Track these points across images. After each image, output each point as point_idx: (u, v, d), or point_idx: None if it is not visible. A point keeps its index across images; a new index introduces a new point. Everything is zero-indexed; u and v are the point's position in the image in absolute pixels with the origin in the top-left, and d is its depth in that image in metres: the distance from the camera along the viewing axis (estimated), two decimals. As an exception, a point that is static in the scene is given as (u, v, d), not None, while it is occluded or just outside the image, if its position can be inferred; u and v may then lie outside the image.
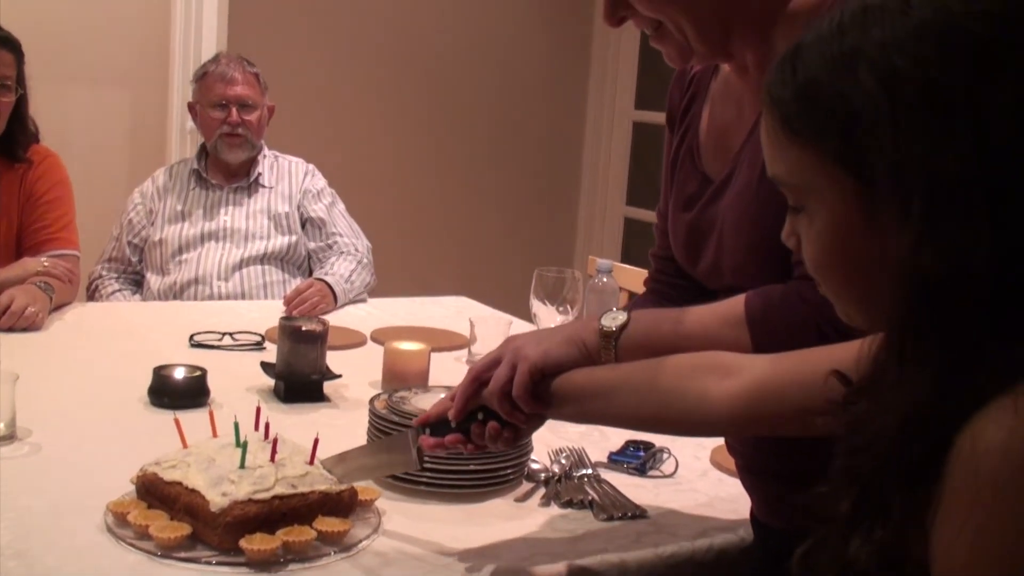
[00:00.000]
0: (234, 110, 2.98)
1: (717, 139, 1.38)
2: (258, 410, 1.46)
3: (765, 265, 1.24)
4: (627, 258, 4.42)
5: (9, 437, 1.59)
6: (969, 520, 0.72)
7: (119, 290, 3.00)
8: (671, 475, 1.65)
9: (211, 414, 1.46)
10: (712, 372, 1.16)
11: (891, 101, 0.77)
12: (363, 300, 2.92)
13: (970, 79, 0.76)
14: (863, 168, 0.80)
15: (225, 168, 3.06)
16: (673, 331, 1.24)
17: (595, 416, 1.28)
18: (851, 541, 0.82)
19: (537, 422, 1.28)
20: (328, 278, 2.81)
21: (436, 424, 1.29)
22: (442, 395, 1.64)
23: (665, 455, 1.68)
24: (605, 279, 2.28)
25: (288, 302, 2.66)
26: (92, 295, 3.00)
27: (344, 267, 2.91)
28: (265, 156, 3.10)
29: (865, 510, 0.82)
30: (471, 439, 1.27)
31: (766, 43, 1.28)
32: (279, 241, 3.00)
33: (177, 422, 1.43)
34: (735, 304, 1.23)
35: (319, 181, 3.13)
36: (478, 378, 1.25)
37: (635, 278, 2.51)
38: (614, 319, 1.25)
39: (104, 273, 3.04)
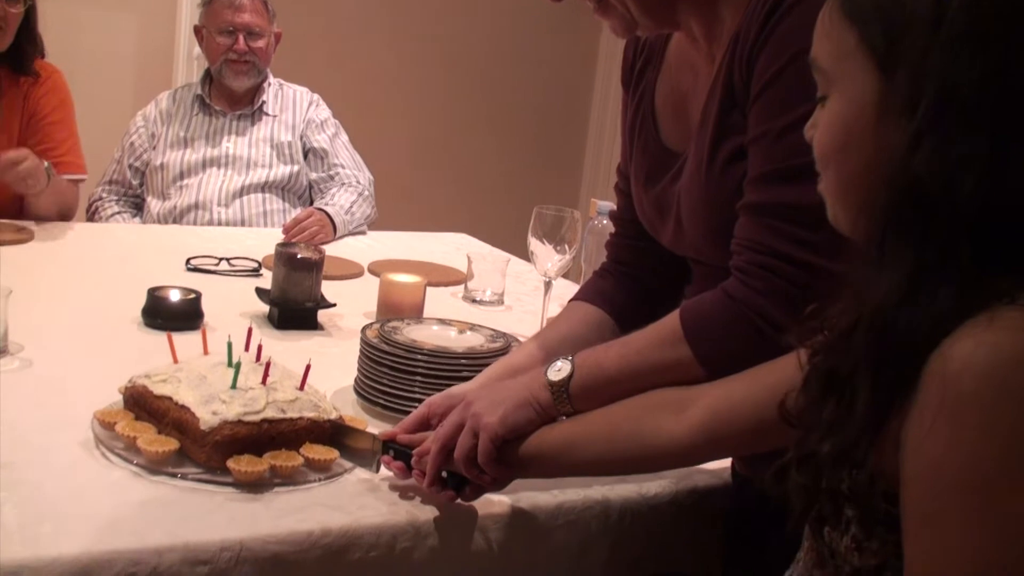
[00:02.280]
0: (241, 37, 2.96)
1: (675, 107, 1.37)
2: (249, 331, 1.46)
3: (723, 246, 1.25)
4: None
5: (0, 351, 1.59)
6: (936, 426, 0.76)
7: (118, 212, 2.99)
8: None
9: (203, 332, 1.46)
10: (664, 409, 1.19)
11: (938, 10, 0.80)
12: (363, 232, 2.92)
13: (1012, 22, 0.79)
14: (890, 63, 0.83)
15: (229, 95, 3.04)
16: (618, 368, 1.25)
17: (562, 471, 1.30)
18: (820, 442, 0.86)
19: (505, 480, 1.29)
20: (328, 208, 2.80)
21: (400, 451, 1.31)
22: (435, 327, 1.65)
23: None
24: (605, 221, 2.26)
25: (287, 230, 2.66)
26: (92, 216, 2.99)
27: (345, 198, 2.90)
28: (270, 84, 3.08)
29: (833, 407, 0.85)
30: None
31: (712, 12, 1.27)
32: (281, 170, 2.99)
33: (169, 337, 1.43)
34: (670, 323, 1.24)
35: (323, 111, 3.11)
36: (445, 446, 1.26)
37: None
38: (558, 371, 1.26)
39: (104, 195, 3.03)
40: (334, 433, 1.36)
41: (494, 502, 1.30)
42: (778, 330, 1.15)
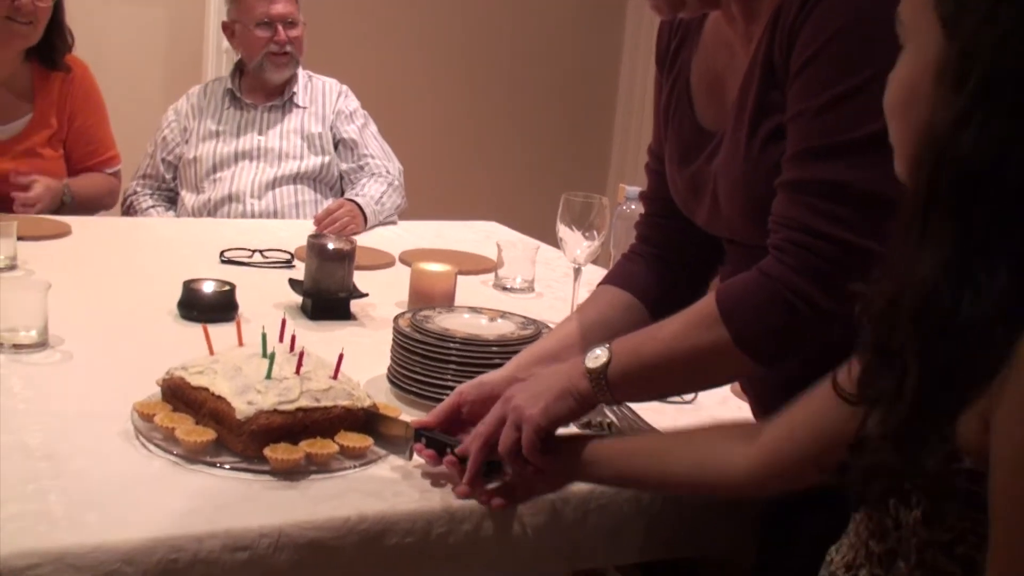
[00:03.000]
0: (280, 28, 2.98)
1: (711, 86, 1.37)
2: (283, 323, 1.49)
3: (760, 225, 1.25)
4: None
5: (41, 344, 1.62)
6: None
7: (153, 206, 3.03)
8: (690, 402, 1.66)
9: (238, 324, 1.49)
10: (737, 437, 1.19)
11: None
12: (393, 222, 2.93)
13: None
14: (953, 27, 0.82)
15: (263, 87, 3.06)
16: (655, 352, 1.25)
17: (619, 479, 1.30)
18: (879, 420, 0.85)
19: (560, 483, 1.31)
20: (359, 199, 2.82)
21: (432, 439, 1.33)
22: (466, 315, 1.66)
23: (685, 382, 1.69)
24: (633, 206, 2.27)
25: (318, 222, 2.68)
26: (127, 210, 3.04)
27: (375, 189, 2.92)
28: (300, 76, 3.10)
29: (887, 383, 0.85)
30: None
31: None
32: (312, 161, 3.01)
33: (205, 329, 1.45)
34: (706, 305, 1.23)
35: (352, 102, 3.12)
36: (487, 442, 1.28)
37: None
38: (596, 358, 1.26)
39: (139, 189, 3.06)
40: (368, 421, 1.38)
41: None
42: (814, 308, 1.16)
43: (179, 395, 1.38)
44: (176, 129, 3.05)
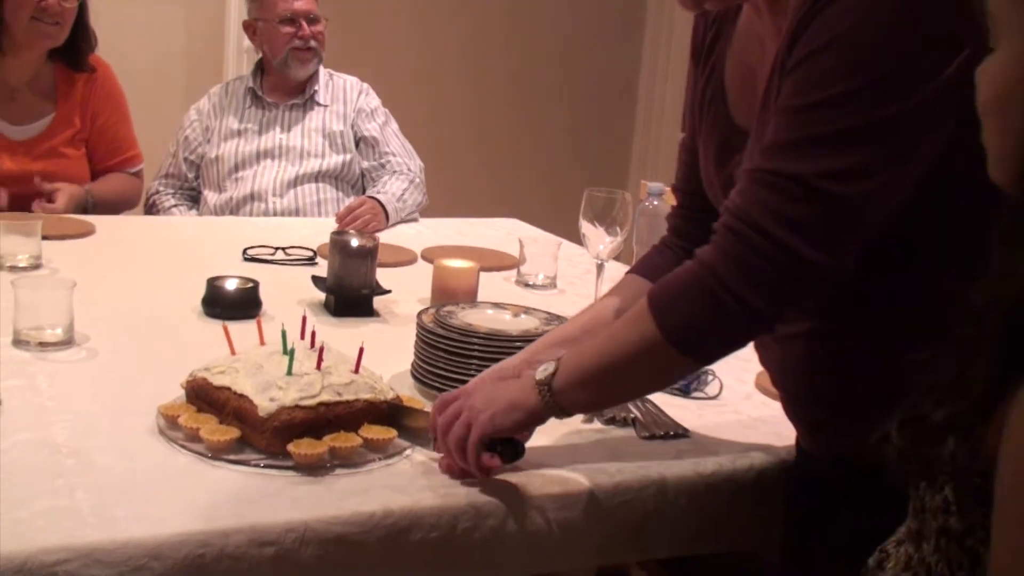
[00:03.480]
0: (304, 23, 2.99)
1: (744, 81, 1.34)
2: (303, 319, 1.49)
3: None
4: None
5: (67, 342, 1.63)
6: None
7: (176, 205, 3.04)
8: (715, 397, 1.66)
9: (259, 322, 1.49)
10: None
11: None
12: (414, 219, 2.94)
13: None
14: None
15: (285, 85, 3.07)
16: (595, 355, 1.26)
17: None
18: (934, 407, 0.84)
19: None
20: (380, 196, 2.83)
21: None
22: (489, 311, 1.66)
23: (710, 377, 1.69)
24: (656, 202, 2.27)
25: (340, 219, 2.69)
26: (150, 209, 3.05)
27: (396, 186, 2.92)
28: (321, 74, 3.11)
29: (953, 375, 0.84)
30: None
31: None
32: (333, 159, 3.02)
33: (226, 329, 1.45)
34: (642, 301, 1.23)
35: (373, 100, 3.13)
36: (443, 434, 1.30)
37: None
38: (544, 370, 1.28)
39: (161, 189, 3.07)
40: (391, 414, 1.38)
41: (554, 481, 1.31)
42: (741, 304, 1.13)
43: (202, 396, 1.38)
44: (198, 129, 3.06)
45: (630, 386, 1.32)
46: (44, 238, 2.14)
